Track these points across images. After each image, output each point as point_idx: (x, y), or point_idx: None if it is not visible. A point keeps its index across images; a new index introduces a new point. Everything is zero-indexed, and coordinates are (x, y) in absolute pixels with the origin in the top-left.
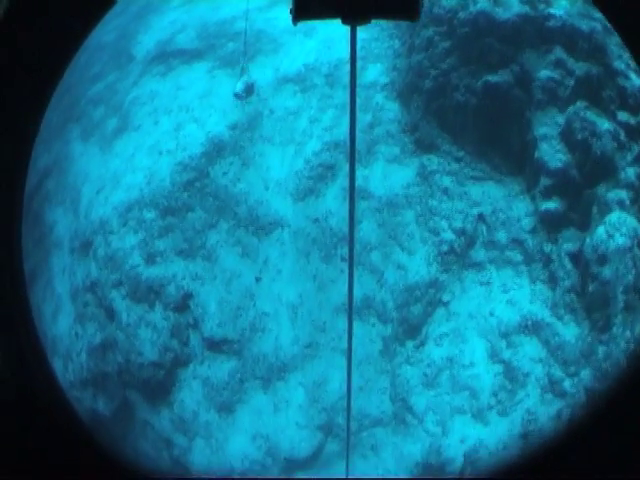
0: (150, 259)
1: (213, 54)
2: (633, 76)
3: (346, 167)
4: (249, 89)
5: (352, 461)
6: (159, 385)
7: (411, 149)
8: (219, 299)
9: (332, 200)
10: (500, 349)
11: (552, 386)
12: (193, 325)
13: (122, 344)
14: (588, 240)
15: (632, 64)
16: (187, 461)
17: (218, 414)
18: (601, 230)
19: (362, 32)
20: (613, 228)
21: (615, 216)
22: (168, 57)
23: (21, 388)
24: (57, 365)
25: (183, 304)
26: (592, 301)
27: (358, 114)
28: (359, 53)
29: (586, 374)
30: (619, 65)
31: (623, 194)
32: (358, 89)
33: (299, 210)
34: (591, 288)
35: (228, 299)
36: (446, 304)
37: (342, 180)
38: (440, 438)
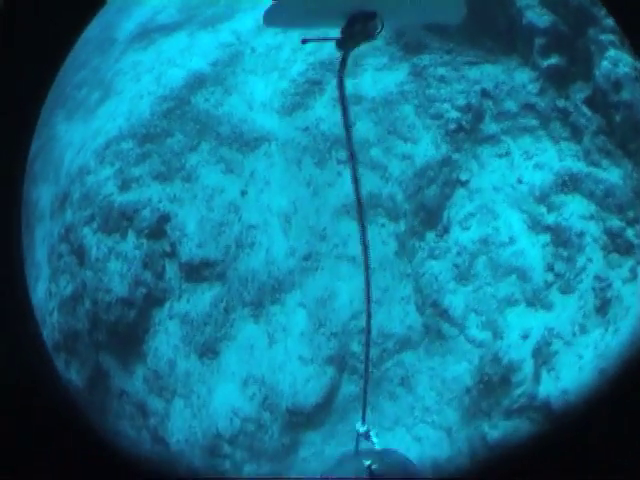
0: (125, 186)
1: (193, 21)
2: None
3: (335, 80)
4: None
5: (377, 404)
6: (130, 331)
7: (399, 55)
8: (199, 218)
9: (322, 109)
10: (541, 215)
11: (615, 241)
12: (170, 253)
13: (90, 285)
14: (597, 72)
15: None
16: (165, 432)
17: (199, 359)
18: (605, 63)
19: None
20: (615, 60)
21: (612, 52)
22: (149, 33)
23: (19, 379)
24: None
25: (158, 229)
26: (624, 132)
27: None
28: None
29: None
30: None
31: (611, 37)
32: None
33: (287, 123)
34: (618, 118)
35: (209, 217)
36: (465, 183)
37: (331, 91)
38: (492, 344)
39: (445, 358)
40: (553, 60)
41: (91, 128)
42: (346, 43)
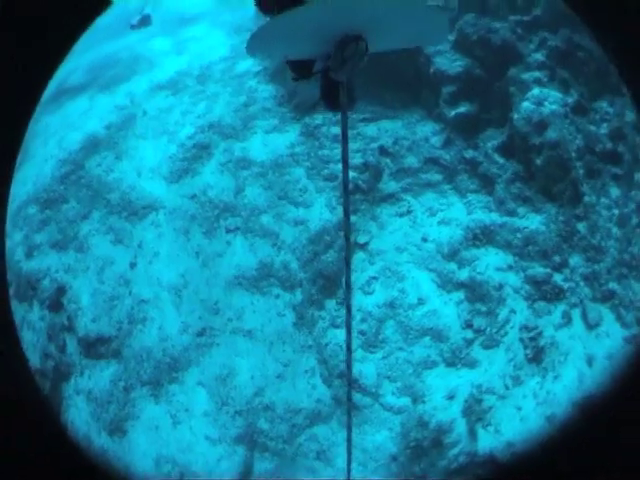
0: (29, 253)
1: (95, 83)
2: None
3: (223, 144)
4: (145, 20)
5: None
6: (49, 403)
7: (290, 117)
8: (92, 290)
9: (210, 175)
10: (452, 272)
11: (540, 288)
12: (68, 327)
13: (14, 352)
14: (516, 116)
15: None
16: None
17: (110, 437)
18: (527, 104)
19: (233, 38)
20: (539, 99)
21: (537, 91)
22: (60, 95)
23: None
24: None
25: (57, 300)
26: (547, 175)
27: (231, 99)
28: (230, 54)
29: (577, 259)
30: None
31: (537, 74)
32: (230, 80)
33: (174, 190)
34: (539, 161)
35: (102, 289)
36: (364, 246)
37: (219, 156)
38: (414, 408)
39: (362, 428)
40: (462, 109)
41: (10, 193)
42: (342, 69)
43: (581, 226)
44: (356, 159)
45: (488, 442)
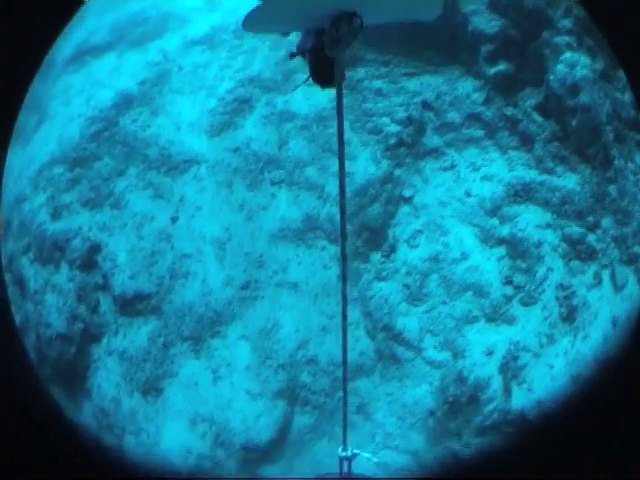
0: (56, 213)
1: (122, 42)
2: None
3: (265, 97)
4: None
5: (334, 434)
6: (72, 367)
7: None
8: (130, 247)
9: (252, 128)
10: (493, 228)
11: (575, 248)
12: (102, 285)
13: (32, 318)
14: (551, 77)
15: None
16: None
17: (143, 397)
18: (561, 66)
19: None
20: (572, 63)
21: (569, 55)
22: (82, 55)
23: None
24: None
25: (90, 260)
26: (581, 137)
27: (270, 53)
28: None
29: (608, 221)
30: None
31: (567, 38)
32: (268, 34)
33: (216, 144)
34: (574, 123)
35: (140, 245)
36: (409, 199)
37: (261, 109)
38: (454, 363)
39: (403, 382)
40: (501, 67)
41: (27, 154)
42: (337, 45)
43: (612, 188)
44: (400, 113)
45: (520, 400)
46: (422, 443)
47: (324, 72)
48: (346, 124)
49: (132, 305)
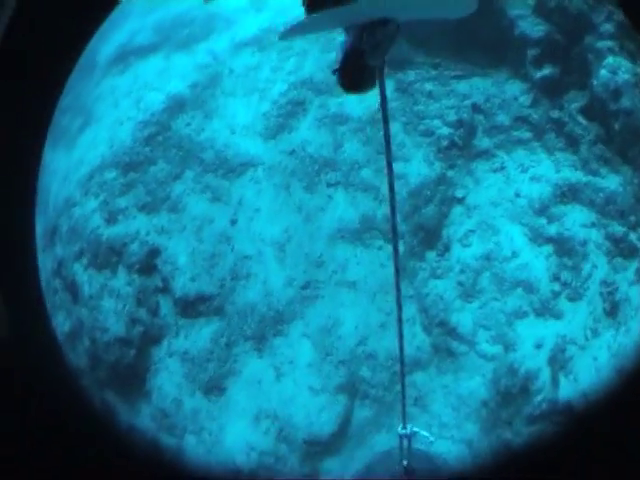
0: (111, 218)
1: (168, 43)
2: None
3: (317, 100)
4: None
5: (393, 426)
6: (131, 371)
7: (385, 72)
8: (190, 250)
9: (307, 131)
10: (542, 227)
11: (618, 246)
12: (162, 288)
13: (87, 323)
14: (595, 82)
15: None
16: (182, 466)
17: (206, 397)
18: (604, 71)
19: None
20: (614, 68)
21: (611, 59)
22: (126, 56)
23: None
24: None
25: (148, 263)
26: (623, 139)
27: (321, 55)
28: None
29: None
30: None
31: (609, 43)
32: (318, 37)
33: (271, 147)
34: (617, 126)
35: (200, 248)
36: (461, 200)
37: (315, 112)
38: (505, 356)
39: (457, 375)
40: (546, 71)
41: (74, 157)
42: (376, 53)
43: None
44: (451, 116)
45: (567, 391)
46: (476, 432)
47: (355, 76)
48: (399, 126)
49: (193, 307)
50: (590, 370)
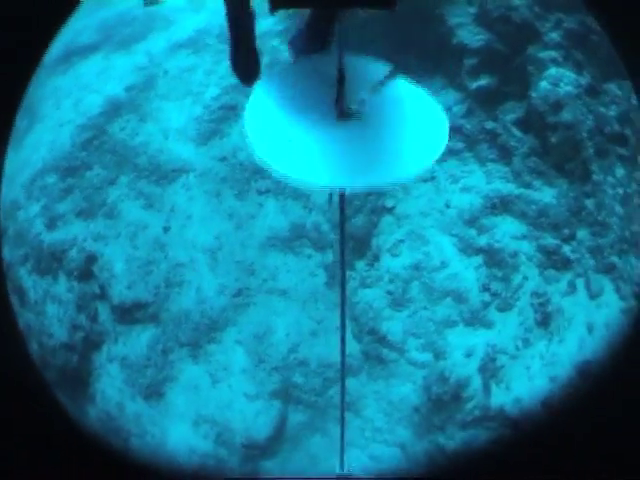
0: (51, 224)
1: (109, 42)
2: None
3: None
4: None
5: (327, 430)
6: (76, 375)
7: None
8: (125, 257)
9: (238, 137)
10: (471, 238)
11: (550, 258)
12: (100, 295)
13: (34, 327)
14: (533, 94)
15: None
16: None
17: (146, 401)
18: (544, 83)
19: None
20: (556, 79)
21: (553, 70)
22: (70, 56)
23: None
24: None
25: (86, 270)
26: (560, 153)
27: None
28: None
29: (584, 233)
30: None
31: (554, 53)
32: None
33: (203, 153)
34: (554, 139)
35: (135, 255)
36: (391, 210)
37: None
38: (435, 364)
39: (389, 381)
40: (483, 81)
41: (20, 158)
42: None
43: (589, 202)
44: None
45: (499, 398)
46: (409, 437)
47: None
48: None
49: (130, 313)
50: (522, 379)
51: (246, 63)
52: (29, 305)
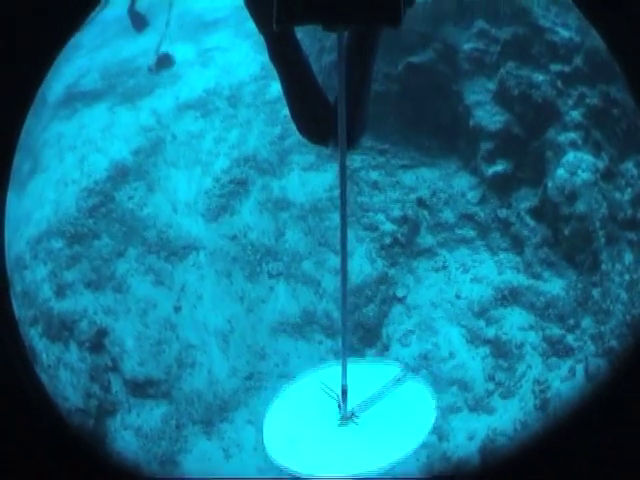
0: (60, 292)
1: (113, 93)
2: (561, 30)
3: (260, 180)
4: (164, 61)
5: None
6: (93, 436)
7: (328, 154)
8: (136, 334)
9: (249, 215)
10: (480, 329)
11: (554, 347)
12: (112, 367)
13: (49, 388)
14: (550, 184)
15: (558, 20)
16: None
17: (161, 468)
18: (561, 171)
19: (263, 54)
20: (573, 166)
21: (571, 156)
22: (73, 100)
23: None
24: None
25: (98, 342)
26: (572, 244)
27: (265, 128)
28: (261, 73)
29: (588, 322)
30: (545, 22)
31: (573, 135)
32: (263, 106)
33: (213, 230)
34: (567, 231)
35: (146, 333)
36: (402, 299)
37: (257, 194)
38: (439, 445)
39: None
40: (499, 167)
41: (24, 206)
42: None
43: (595, 292)
44: (395, 211)
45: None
46: None
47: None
48: None
49: (143, 389)
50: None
51: (312, 120)
52: (42, 367)
